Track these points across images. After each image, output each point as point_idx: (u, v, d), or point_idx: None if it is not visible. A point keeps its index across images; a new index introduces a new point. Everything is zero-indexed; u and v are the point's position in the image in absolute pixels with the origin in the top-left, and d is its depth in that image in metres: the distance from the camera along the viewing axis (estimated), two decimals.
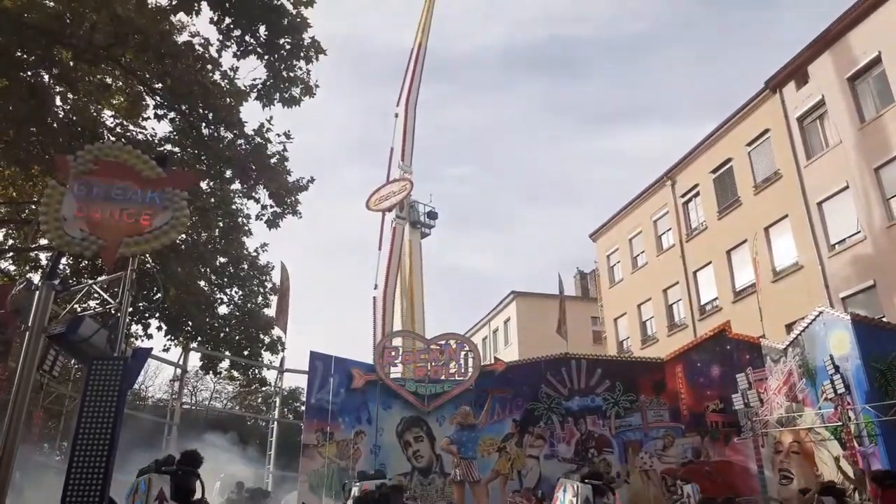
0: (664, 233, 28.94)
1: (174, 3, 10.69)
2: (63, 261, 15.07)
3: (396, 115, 31.49)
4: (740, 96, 27.47)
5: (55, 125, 13.70)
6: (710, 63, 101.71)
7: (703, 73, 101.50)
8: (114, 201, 6.20)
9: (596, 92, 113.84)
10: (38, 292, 5.81)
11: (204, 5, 10.50)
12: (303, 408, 21.84)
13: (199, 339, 18.32)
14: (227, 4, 10.30)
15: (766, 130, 23.51)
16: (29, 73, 12.86)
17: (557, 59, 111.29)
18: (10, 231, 18.01)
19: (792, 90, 22.50)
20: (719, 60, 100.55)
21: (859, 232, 19.62)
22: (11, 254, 17.76)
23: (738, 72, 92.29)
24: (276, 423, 20.68)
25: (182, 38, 13.66)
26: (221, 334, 18.62)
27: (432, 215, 30.74)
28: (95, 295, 13.55)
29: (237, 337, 18.91)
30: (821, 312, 13.60)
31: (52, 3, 13.23)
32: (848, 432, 12.25)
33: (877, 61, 19.55)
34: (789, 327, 18.83)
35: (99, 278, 8.64)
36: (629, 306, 30.54)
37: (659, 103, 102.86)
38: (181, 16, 12.65)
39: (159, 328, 17.53)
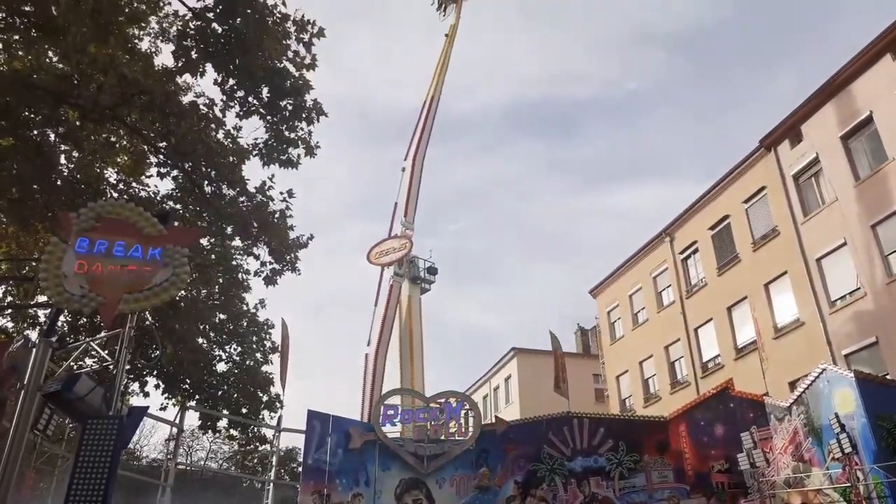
0: (664, 289, 28.92)
1: (180, 64, 10.94)
2: (61, 318, 15.02)
3: (403, 169, 31.45)
4: (736, 154, 27.94)
5: (59, 183, 13.83)
6: (706, 122, 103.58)
7: (699, 132, 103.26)
8: (115, 258, 6.22)
9: (594, 149, 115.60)
10: (34, 350, 5.76)
11: (209, 67, 10.76)
12: (299, 469, 21.38)
13: (197, 397, 18.05)
14: (231, 66, 10.54)
15: (763, 188, 23.76)
16: (35, 132, 13.06)
17: (557, 117, 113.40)
18: (10, 288, 17.98)
19: (786, 148, 22.84)
20: (715, 119, 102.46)
21: (859, 288, 19.62)
22: (10, 311, 17.68)
23: (733, 130, 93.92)
24: (272, 484, 20.19)
25: (187, 98, 13.96)
26: (219, 392, 18.35)
27: (432, 271, 30.74)
28: (93, 353, 13.43)
29: (235, 395, 18.65)
30: (824, 370, 13.45)
31: (60, 65, 13.55)
32: (857, 494, 11.96)
33: (868, 120, 19.91)
34: (792, 385, 18.63)
35: (97, 336, 8.58)
36: (631, 363, 30.27)
37: (656, 161, 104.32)
38: (186, 77, 12.95)
39: (157, 386, 17.31)
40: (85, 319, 15.42)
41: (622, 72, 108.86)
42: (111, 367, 6.46)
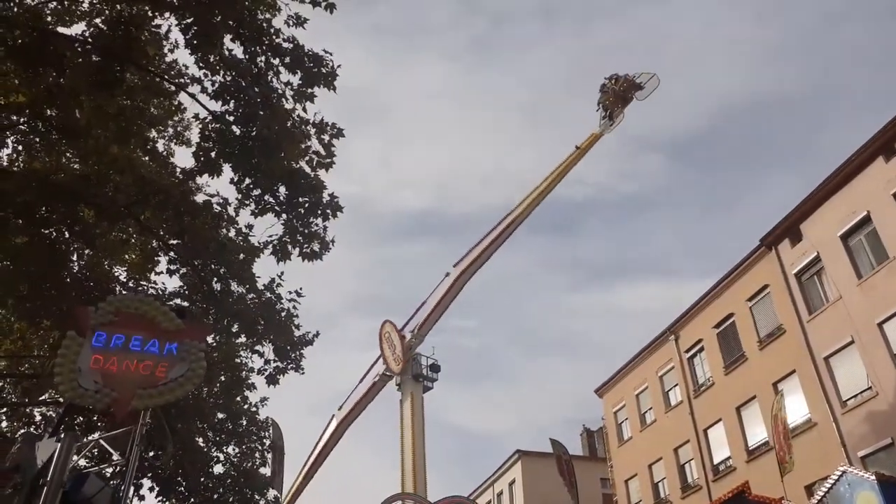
0: (671, 388, 28.46)
1: (199, 165, 11.26)
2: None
3: (447, 275, 29.12)
4: (738, 253, 28.15)
5: (68, 280, 13.89)
6: (706, 222, 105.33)
7: (699, 232, 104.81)
8: (131, 353, 6.19)
9: (595, 249, 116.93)
10: (59, 444, 5.62)
11: (226, 167, 11.07)
12: None
13: (192, 500, 17.41)
14: (247, 166, 10.84)
15: (766, 286, 23.86)
16: (50, 230, 13.24)
17: (557, 217, 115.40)
18: (7, 385, 17.70)
19: (787, 247, 23.11)
20: (714, 219, 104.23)
21: (871, 388, 19.33)
22: (5, 409, 17.33)
23: (734, 229, 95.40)
24: None
25: (200, 198, 14.23)
26: (215, 496, 17.72)
27: (435, 368, 30.14)
28: (86, 452, 13.01)
29: (231, 500, 18.00)
30: (844, 472, 13.09)
31: (78, 166, 13.91)
32: None
33: (867, 220, 20.26)
34: (809, 489, 18.06)
35: (110, 433, 8.39)
36: (640, 466, 29.36)
37: (657, 259, 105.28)
38: (201, 180, 13.26)
39: (151, 489, 16.73)
40: (81, 419, 15.10)
41: (617, 175, 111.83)
42: (119, 466, 6.27)
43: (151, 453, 15.78)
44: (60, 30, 12.38)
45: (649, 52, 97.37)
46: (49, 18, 13.03)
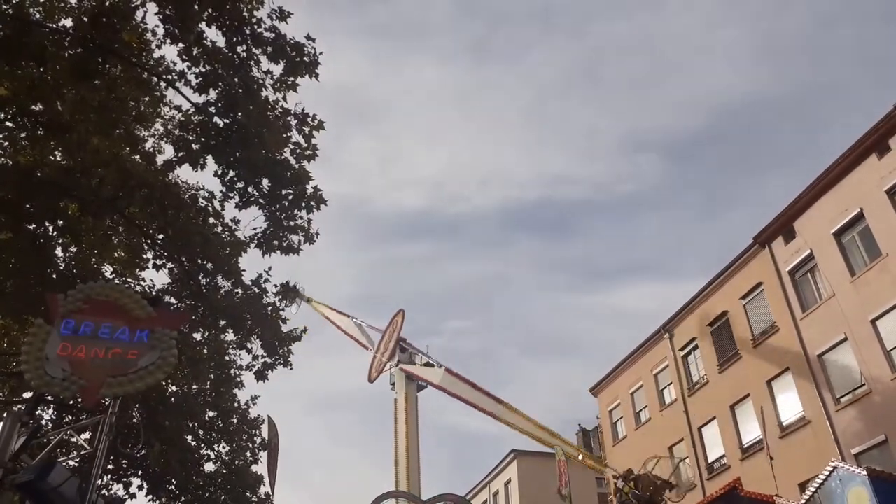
0: (665, 387, 28.38)
1: (179, 156, 11.16)
2: (46, 416, 14.59)
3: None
4: (731, 252, 28.06)
5: (54, 276, 13.76)
6: (700, 221, 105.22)
7: (693, 231, 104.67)
8: (100, 340, 6.07)
9: (591, 248, 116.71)
10: (1, 424, 5.48)
11: (209, 159, 10.96)
12: None
13: (183, 498, 17.29)
14: (231, 159, 10.74)
15: (759, 284, 23.78)
16: (34, 225, 13.11)
17: (552, 218, 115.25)
18: None
19: (781, 245, 23.04)
20: (709, 218, 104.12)
21: (864, 385, 19.26)
22: None
23: (728, 227, 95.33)
24: None
25: (186, 195, 14.09)
26: (206, 494, 17.60)
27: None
28: (74, 451, 12.85)
29: (223, 497, 17.89)
30: (835, 468, 12.98)
31: (62, 160, 13.78)
32: None
33: (860, 217, 20.18)
34: (802, 486, 17.94)
35: (77, 423, 8.27)
36: (634, 465, 29.20)
37: (652, 259, 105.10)
38: (187, 177, 13.18)
39: (140, 487, 16.61)
40: (70, 417, 14.97)
41: (614, 175, 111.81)
42: (89, 455, 6.14)
43: (143, 451, 15.68)
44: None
45: (647, 53, 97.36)
46: (37, 16, 12.91)
